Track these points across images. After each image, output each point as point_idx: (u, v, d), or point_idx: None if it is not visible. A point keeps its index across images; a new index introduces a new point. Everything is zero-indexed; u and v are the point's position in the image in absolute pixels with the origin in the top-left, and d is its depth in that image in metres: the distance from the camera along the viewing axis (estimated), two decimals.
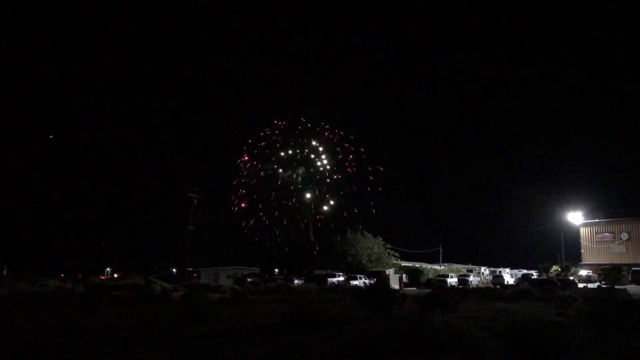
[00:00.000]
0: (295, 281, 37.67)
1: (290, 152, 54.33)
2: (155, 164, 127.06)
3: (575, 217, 59.89)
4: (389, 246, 53.44)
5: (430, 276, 47.93)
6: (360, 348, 8.20)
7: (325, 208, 53.42)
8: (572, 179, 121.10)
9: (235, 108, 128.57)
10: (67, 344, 8.94)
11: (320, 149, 54.69)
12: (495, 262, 66.64)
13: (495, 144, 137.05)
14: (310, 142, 54.70)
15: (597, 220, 59.40)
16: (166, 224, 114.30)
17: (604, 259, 54.19)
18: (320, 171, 54.38)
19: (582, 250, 59.45)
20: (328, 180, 54.45)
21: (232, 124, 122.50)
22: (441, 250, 66.75)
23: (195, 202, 46.29)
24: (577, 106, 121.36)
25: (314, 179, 53.81)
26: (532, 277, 44.58)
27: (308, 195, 53.06)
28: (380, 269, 47.29)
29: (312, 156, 54.36)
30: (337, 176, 54.42)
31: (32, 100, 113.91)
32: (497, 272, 54.24)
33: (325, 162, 54.13)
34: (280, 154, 54.17)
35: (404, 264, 54.18)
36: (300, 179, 53.68)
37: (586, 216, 59.97)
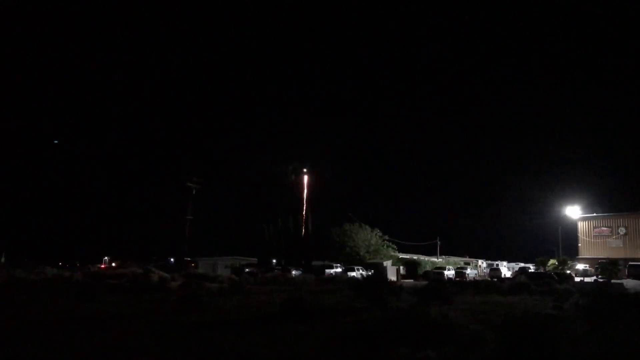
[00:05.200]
0: (293, 272, 37.82)
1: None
2: (155, 154, 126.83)
3: (573, 212, 60.08)
4: (387, 238, 53.66)
5: (428, 268, 48.16)
6: (357, 339, 8.22)
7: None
8: (571, 174, 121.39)
9: (233, 102, 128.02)
10: (65, 332, 8.94)
11: None
12: (492, 255, 67.08)
13: (494, 138, 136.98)
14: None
15: (594, 214, 59.59)
16: (165, 213, 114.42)
17: (601, 253, 54.45)
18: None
19: (580, 244, 59.74)
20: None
21: (230, 117, 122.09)
22: (439, 242, 67.11)
23: (194, 192, 46.33)
24: (575, 100, 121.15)
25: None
26: (529, 270, 44.83)
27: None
28: (377, 260, 47.53)
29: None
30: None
31: (32, 95, 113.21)
32: (495, 265, 54.54)
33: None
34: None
35: (401, 255, 54.41)
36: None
37: (584, 210, 60.15)
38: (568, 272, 41.11)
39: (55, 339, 8.26)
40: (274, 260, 52.76)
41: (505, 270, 51.15)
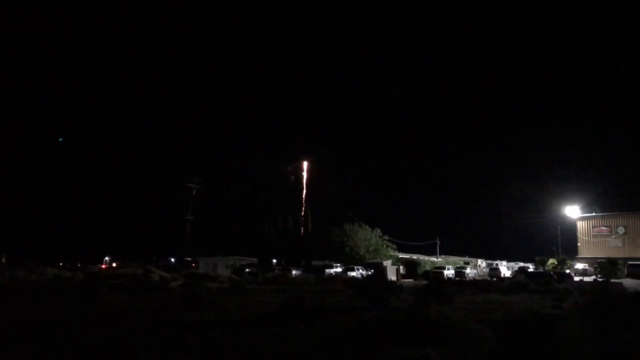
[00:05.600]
0: (293, 272, 37.85)
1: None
2: (155, 154, 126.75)
3: (572, 211, 60.11)
4: (387, 238, 53.69)
5: (427, 268, 48.15)
6: (357, 338, 8.26)
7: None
8: (570, 173, 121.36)
9: (233, 102, 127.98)
10: (66, 332, 8.98)
11: None
12: (492, 254, 67.08)
13: (493, 138, 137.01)
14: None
15: (594, 214, 59.60)
16: (165, 213, 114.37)
17: (600, 253, 54.47)
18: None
19: (579, 244, 59.74)
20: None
21: (230, 117, 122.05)
22: (438, 242, 67.13)
23: (195, 193, 46.42)
24: (575, 100, 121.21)
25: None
26: (529, 269, 44.89)
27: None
28: (377, 260, 47.54)
29: None
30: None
31: (32, 96, 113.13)
32: (494, 265, 54.58)
33: None
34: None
35: (401, 255, 54.45)
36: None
37: (583, 210, 60.19)
38: (567, 271, 41.14)
39: (56, 340, 8.29)
40: (274, 260, 52.80)
41: (505, 269, 51.18)
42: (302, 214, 53.31)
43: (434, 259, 60.88)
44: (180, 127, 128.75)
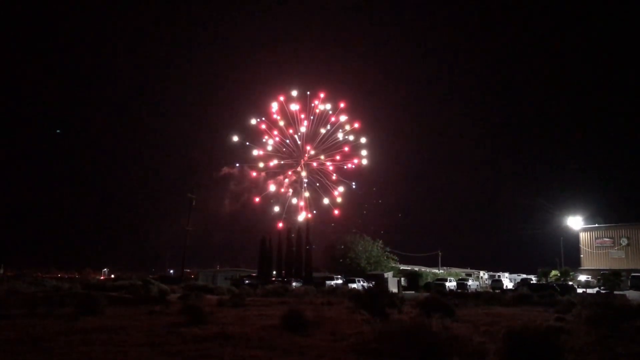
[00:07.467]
0: (293, 283, 37.62)
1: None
2: (155, 162, 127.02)
3: (575, 222, 59.88)
4: (388, 249, 53.50)
5: (429, 280, 47.81)
6: (358, 351, 8.15)
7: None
8: (572, 184, 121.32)
9: (233, 110, 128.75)
10: (65, 345, 8.87)
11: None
12: (494, 266, 66.73)
13: (495, 149, 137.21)
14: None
15: (596, 225, 59.36)
16: (165, 225, 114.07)
17: (603, 264, 54.11)
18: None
19: (582, 255, 59.39)
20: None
21: (230, 125, 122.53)
22: (440, 254, 66.78)
23: (194, 203, 46.41)
24: (578, 111, 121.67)
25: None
26: (531, 281, 44.55)
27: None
28: (378, 272, 47.29)
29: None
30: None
31: (31, 98, 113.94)
32: (496, 277, 54.19)
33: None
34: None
35: (402, 267, 54.18)
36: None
37: (586, 221, 59.96)
38: (570, 283, 40.79)
39: (55, 353, 8.19)
40: (274, 272, 52.52)
41: (507, 281, 50.82)
42: (303, 225, 53.16)
43: (435, 270, 60.49)
44: (178, 137, 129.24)
